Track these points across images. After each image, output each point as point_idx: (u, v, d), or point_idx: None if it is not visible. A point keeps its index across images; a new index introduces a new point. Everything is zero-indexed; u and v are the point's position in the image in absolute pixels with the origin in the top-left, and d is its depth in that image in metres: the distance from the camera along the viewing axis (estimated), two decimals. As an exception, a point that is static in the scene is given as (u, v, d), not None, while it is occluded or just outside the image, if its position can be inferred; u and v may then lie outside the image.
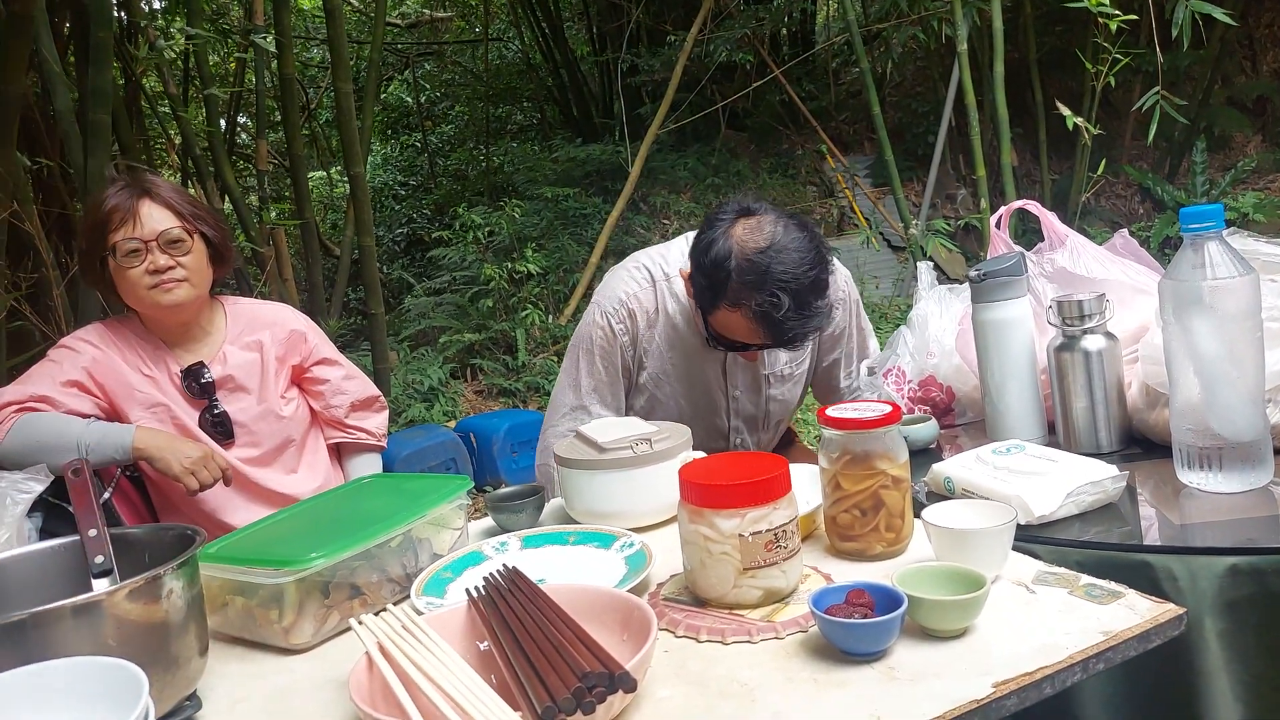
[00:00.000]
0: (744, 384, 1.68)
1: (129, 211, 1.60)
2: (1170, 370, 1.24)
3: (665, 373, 1.67)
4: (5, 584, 0.99)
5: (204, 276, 1.67)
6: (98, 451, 1.53)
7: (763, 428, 1.77)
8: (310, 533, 1.16)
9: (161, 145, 6.04)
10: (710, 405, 1.68)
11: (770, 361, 1.68)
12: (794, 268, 1.41)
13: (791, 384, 1.74)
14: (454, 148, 9.43)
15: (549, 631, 0.84)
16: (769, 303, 1.40)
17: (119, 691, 0.65)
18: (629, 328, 1.64)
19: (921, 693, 0.84)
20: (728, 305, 1.45)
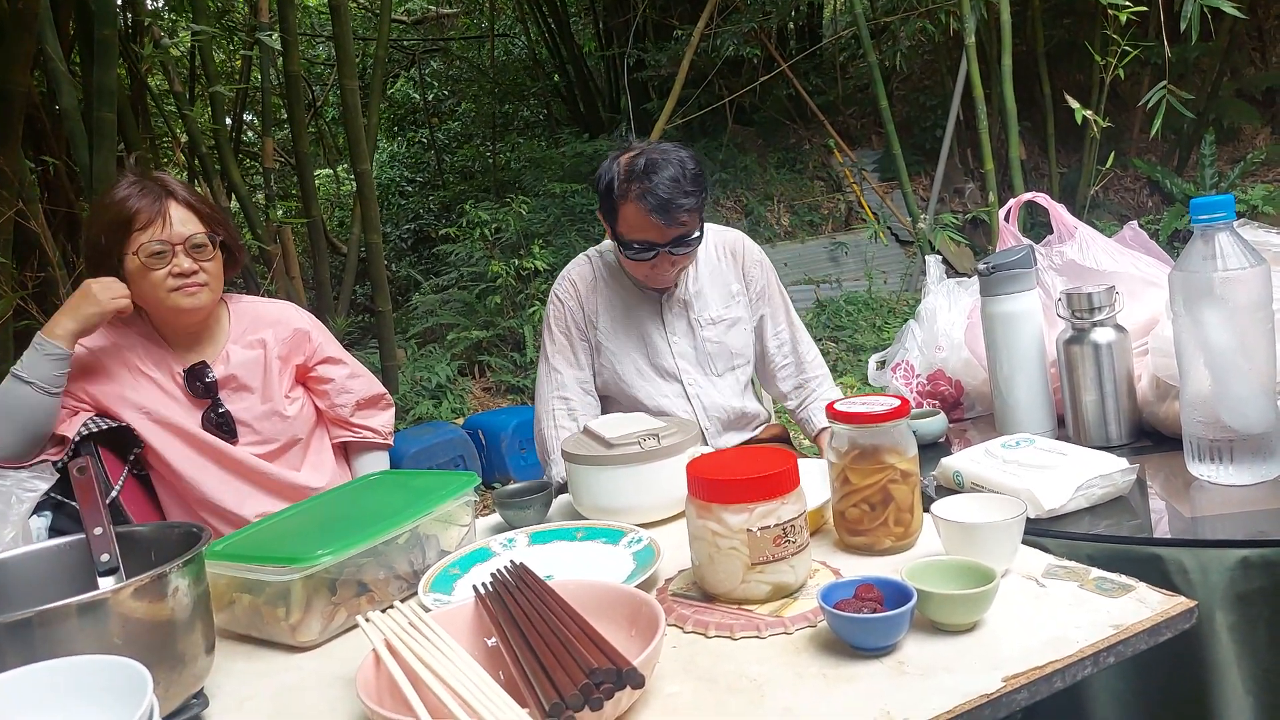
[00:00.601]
0: (681, 330, 1.93)
1: (157, 213, 1.59)
2: (1181, 362, 1.23)
3: (614, 327, 1.93)
4: (11, 582, 0.99)
5: (221, 280, 1.67)
6: (38, 371, 1.51)
7: (710, 370, 1.94)
8: (317, 530, 1.16)
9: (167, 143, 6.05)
10: (656, 350, 1.92)
11: (699, 308, 1.92)
12: (662, 157, 1.73)
13: (724, 326, 1.93)
14: (461, 144, 9.43)
15: (556, 628, 0.83)
16: (647, 181, 1.69)
17: (124, 690, 0.65)
18: (573, 294, 1.93)
19: (931, 687, 0.83)
20: (621, 202, 1.73)
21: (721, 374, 1.93)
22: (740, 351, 1.95)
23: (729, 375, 1.94)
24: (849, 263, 6.62)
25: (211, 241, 1.63)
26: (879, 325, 5.67)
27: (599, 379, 1.93)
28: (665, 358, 1.91)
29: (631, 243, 1.76)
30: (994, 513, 1.04)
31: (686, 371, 1.91)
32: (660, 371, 1.91)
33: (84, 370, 1.62)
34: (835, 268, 6.60)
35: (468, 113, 9.64)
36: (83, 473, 1.00)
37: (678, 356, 1.90)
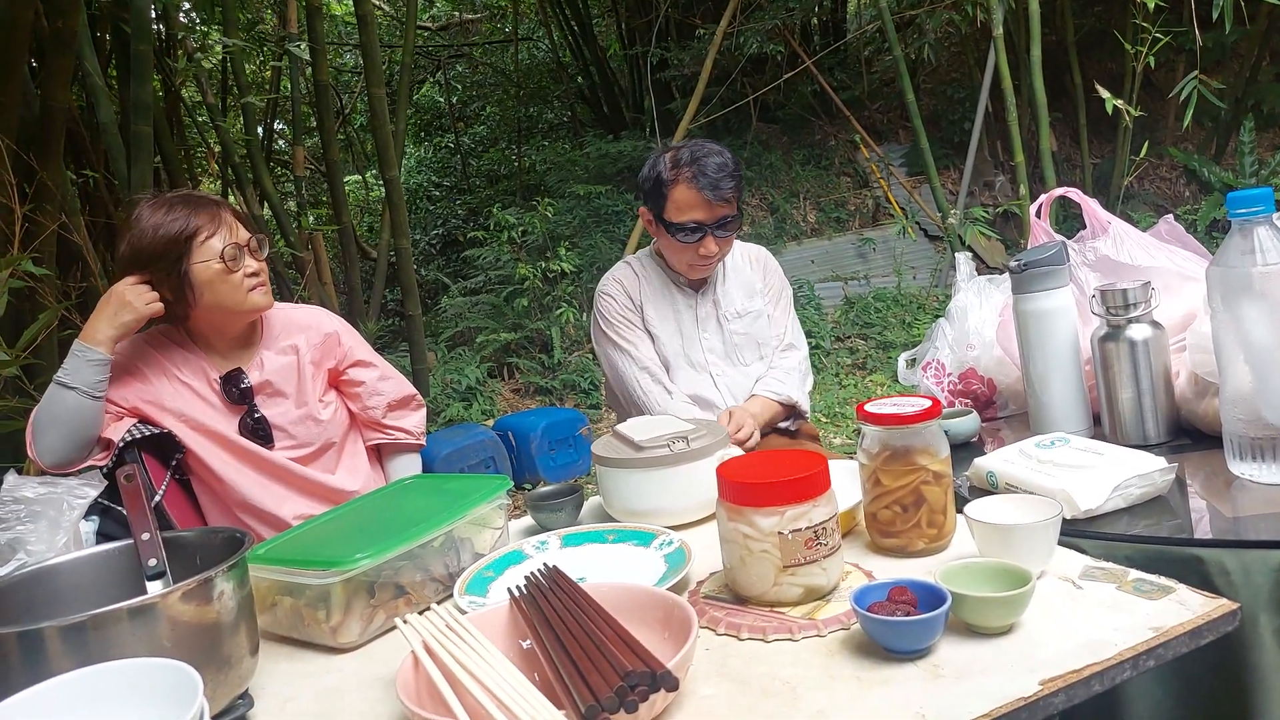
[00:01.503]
0: (711, 327, 2.08)
1: (221, 221, 1.65)
2: (1220, 359, 1.21)
3: (658, 316, 2.08)
4: (64, 586, 1.02)
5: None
6: (81, 376, 1.55)
7: (734, 361, 2.08)
8: (355, 534, 1.18)
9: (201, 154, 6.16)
10: (690, 342, 2.08)
11: (724, 303, 2.08)
12: (704, 146, 1.93)
13: (750, 319, 2.08)
14: (486, 148, 9.50)
15: (590, 630, 0.84)
16: (698, 164, 1.87)
17: (176, 692, 0.67)
18: (620, 289, 2.09)
19: (967, 690, 0.83)
20: (671, 186, 1.90)
21: (750, 364, 2.08)
22: (767, 342, 2.10)
23: (757, 365, 2.08)
24: (877, 259, 6.57)
25: (261, 243, 1.69)
26: (908, 322, 5.63)
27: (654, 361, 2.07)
28: (696, 350, 2.06)
29: (681, 225, 1.91)
30: (1029, 514, 1.03)
31: (715, 364, 2.06)
32: (692, 362, 2.06)
33: (125, 379, 1.66)
34: (863, 264, 6.56)
35: (492, 116, 9.72)
36: (130, 480, 1.03)
37: (707, 351, 2.06)
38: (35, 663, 0.81)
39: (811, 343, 4.85)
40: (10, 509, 1.05)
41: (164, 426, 1.66)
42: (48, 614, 0.97)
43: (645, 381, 2.02)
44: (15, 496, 1.05)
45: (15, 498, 1.05)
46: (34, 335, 2.46)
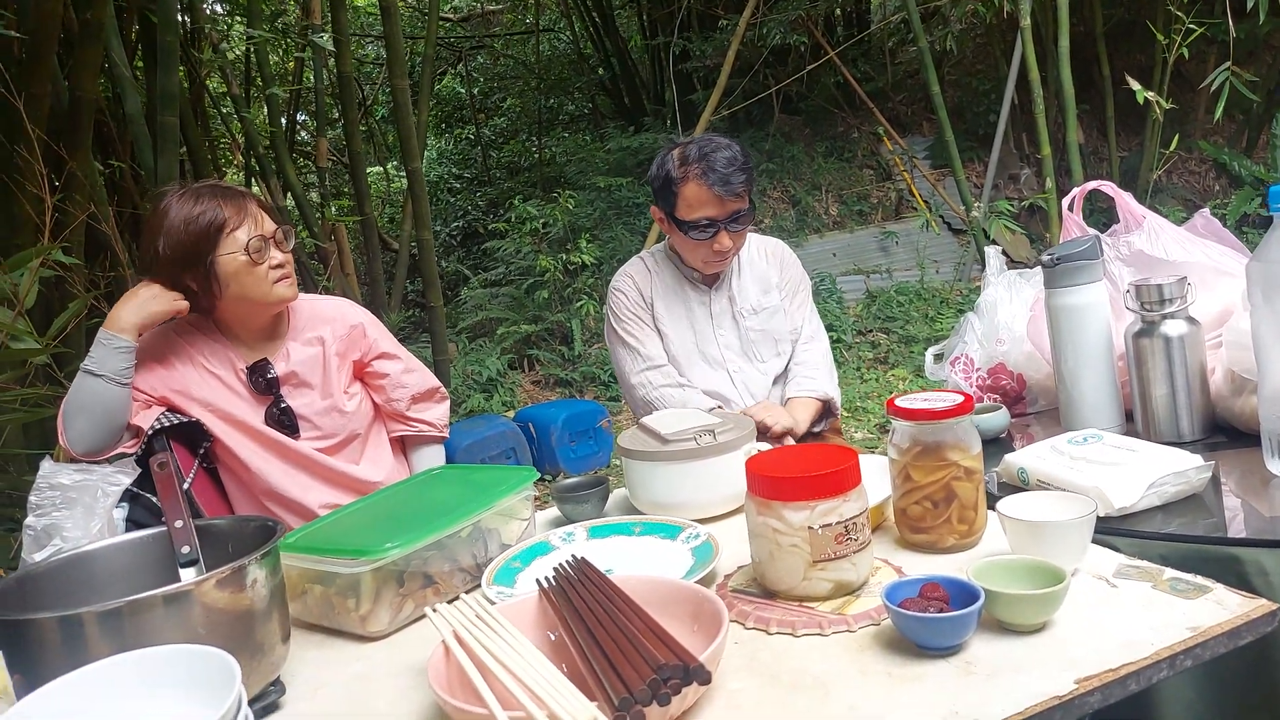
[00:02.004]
0: (725, 323, 2.06)
1: (247, 213, 1.66)
2: (1259, 355, 1.19)
3: (669, 312, 2.06)
4: (99, 572, 1.03)
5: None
6: (108, 364, 1.56)
7: (751, 357, 2.05)
8: (385, 523, 1.18)
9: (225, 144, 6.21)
10: (704, 338, 2.06)
11: (739, 299, 2.05)
12: (711, 141, 1.91)
13: (766, 315, 2.06)
14: (507, 140, 9.51)
15: (621, 622, 0.84)
16: (706, 161, 1.85)
17: (214, 678, 0.67)
18: (632, 284, 2.07)
19: (1001, 688, 0.82)
20: (681, 184, 1.88)
21: (766, 360, 2.05)
22: (784, 338, 2.07)
23: (773, 361, 2.06)
24: (899, 252, 6.53)
25: (287, 234, 1.70)
26: (931, 316, 5.59)
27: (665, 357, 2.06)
28: (711, 346, 2.04)
29: (693, 222, 1.89)
30: (1063, 511, 1.02)
31: (731, 360, 2.04)
32: (708, 359, 2.04)
33: (154, 368, 1.68)
34: (885, 257, 6.51)
35: (513, 108, 9.72)
36: (163, 468, 1.04)
37: (723, 347, 2.04)
38: (74, 646, 0.82)
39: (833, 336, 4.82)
40: (47, 495, 1.06)
41: (192, 415, 1.67)
42: (84, 599, 0.98)
43: (655, 378, 2.00)
44: (51, 483, 1.07)
45: (51, 484, 1.06)
46: (64, 324, 2.49)
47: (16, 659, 0.86)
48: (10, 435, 2.85)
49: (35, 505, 1.06)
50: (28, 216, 3.08)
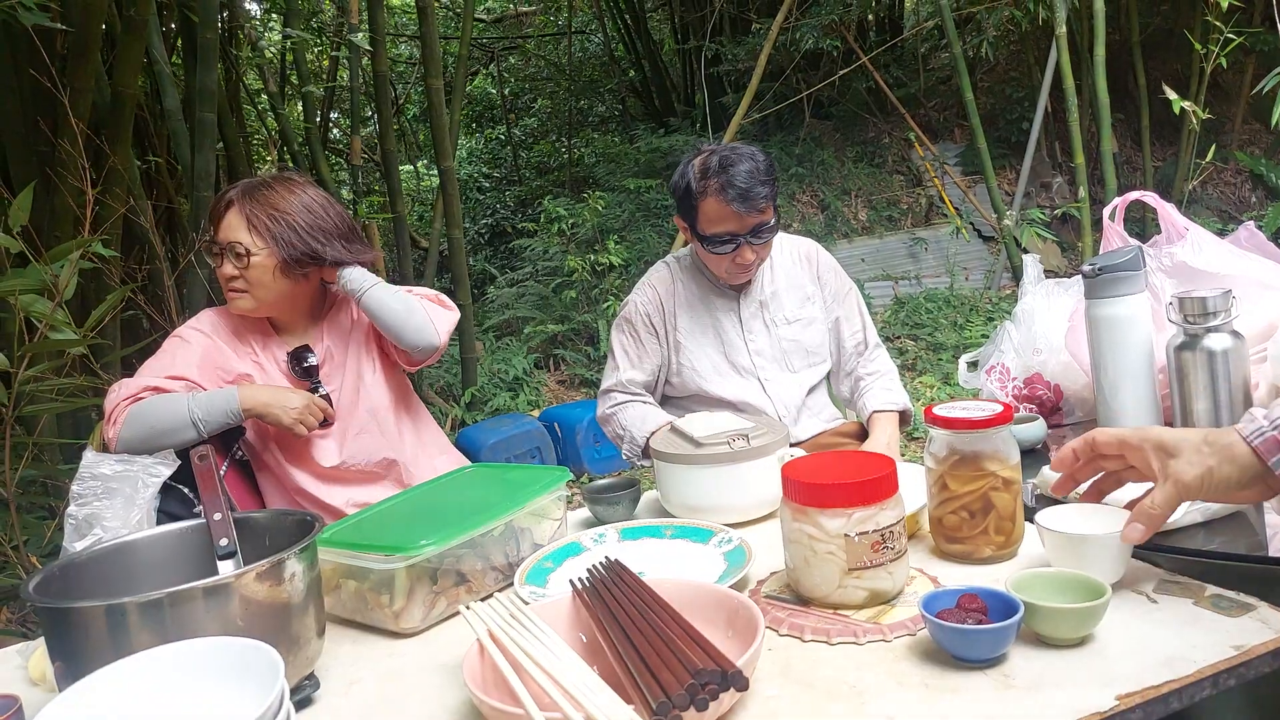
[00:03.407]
0: (757, 329, 1.98)
1: (218, 216, 1.70)
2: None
3: (692, 325, 1.98)
4: (139, 562, 1.05)
5: (270, 288, 1.69)
6: (210, 421, 1.59)
7: (786, 367, 1.99)
8: (419, 521, 1.19)
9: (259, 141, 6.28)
10: (733, 347, 1.98)
11: (775, 308, 1.98)
12: (734, 153, 1.82)
13: (800, 326, 1.99)
14: (537, 140, 9.55)
15: (658, 626, 0.84)
16: (726, 174, 1.78)
17: (256, 671, 0.68)
18: (651, 298, 2.00)
19: (1040, 702, 0.81)
20: (700, 198, 1.82)
21: (798, 370, 1.99)
22: (816, 350, 2.01)
23: (806, 372, 2.00)
24: (929, 259, 6.48)
25: (250, 250, 1.65)
26: (960, 323, 5.54)
27: (678, 378, 1.99)
28: (742, 355, 1.97)
29: (713, 236, 1.84)
30: (1103, 524, 1.01)
31: (763, 368, 1.98)
32: (738, 369, 1.97)
33: (201, 357, 1.70)
34: (914, 264, 6.47)
35: (544, 109, 9.76)
36: (203, 461, 1.05)
37: (754, 354, 1.97)
38: (115, 635, 0.83)
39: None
40: (88, 485, 1.08)
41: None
42: (124, 588, 1.00)
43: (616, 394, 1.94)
44: (93, 473, 1.08)
45: (93, 474, 1.08)
46: (101, 316, 2.52)
47: (58, 646, 0.87)
48: (45, 425, 2.90)
49: (77, 495, 1.08)
50: (67, 208, 3.14)
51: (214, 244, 1.70)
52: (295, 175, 1.86)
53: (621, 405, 1.94)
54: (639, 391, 1.97)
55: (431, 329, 1.73)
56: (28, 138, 3.30)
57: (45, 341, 2.28)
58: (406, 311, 1.71)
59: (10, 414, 2.29)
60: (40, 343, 2.27)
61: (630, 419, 1.89)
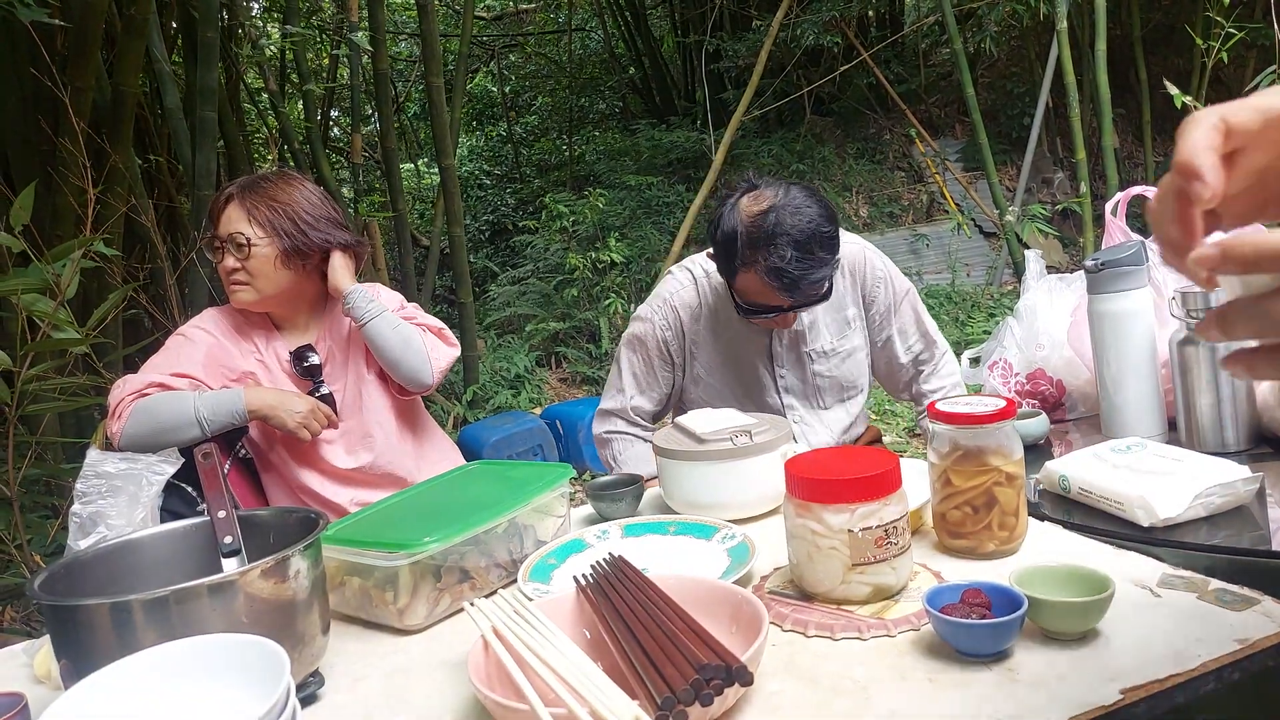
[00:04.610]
0: (789, 363, 1.80)
1: (218, 211, 1.72)
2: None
3: (715, 361, 1.81)
4: (144, 560, 1.05)
5: (272, 279, 1.70)
6: (214, 421, 1.60)
7: (817, 404, 1.84)
8: (422, 518, 1.19)
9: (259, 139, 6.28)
10: (759, 384, 1.81)
11: (811, 338, 1.79)
12: (794, 220, 1.54)
13: (838, 359, 1.82)
14: (538, 138, 9.55)
15: (661, 622, 0.84)
16: (776, 256, 1.53)
17: (262, 668, 0.68)
18: (670, 322, 1.80)
19: (1044, 696, 0.81)
20: (742, 269, 1.59)
21: (830, 407, 1.84)
22: (854, 383, 1.85)
23: (838, 408, 1.85)
24: (930, 255, 6.48)
25: (251, 241, 1.67)
26: (962, 320, 5.54)
27: (692, 408, 1.81)
28: (770, 394, 1.81)
29: (750, 305, 1.64)
30: None
31: (792, 408, 1.82)
32: (763, 407, 1.81)
33: (206, 354, 1.71)
34: (916, 260, 6.47)
35: (544, 107, 9.76)
36: (207, 459, 1.05)
37: (783, 391, 1.81)
38: (121, 632, 0.83)
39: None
40: (92, 484, 1.08)
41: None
42: (129, 585, 1.00)
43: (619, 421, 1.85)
44: (97, 472, 1.08)
45: (97, 473, 1.08)
46: (104, 315, 2.53)
47: (64, 643, 0.88)
48: (48, 424, 2.91)
49: (81, 493, 1.08)
50: (68, 207, 3.14)
51: (215, 238, 1.71)
52: (292, 172, 1.87)
53: (623, 438, 1.86)
54: (644, 424, 1.86)
55: (427, 369, 1.73)
56: (28, 137, 3.30)
57: (48, 341, 2.28)
58: (404, 347, 1.71)
59: (13, 413, 2.29)
60: (43, 342, 2.27)
61: (629, 458, 1.82)
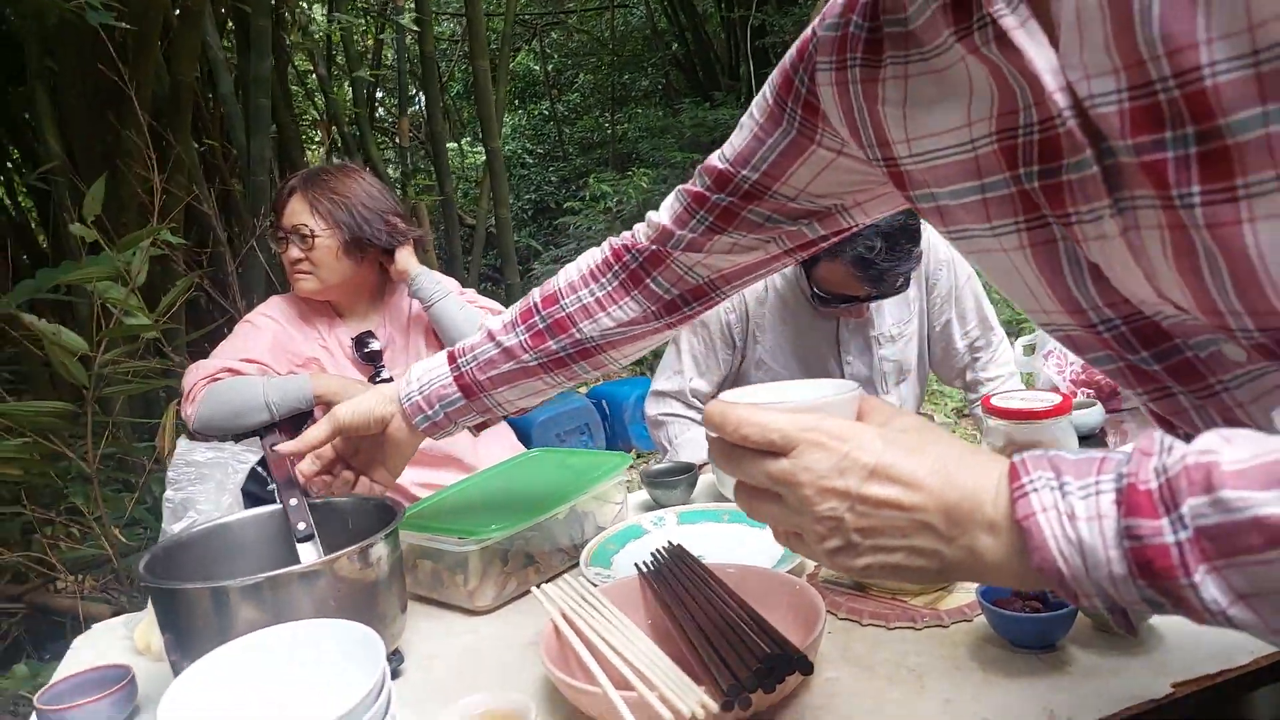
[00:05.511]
0: (855, 349, 1.81)
1: (280, 204, 1.80)
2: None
3: (780, 346, 1.82)
4: (232, 542, 1.11)
5: (334, 269, 1.78)
6: (283, 405, 1.68)
7: (880, 390, 1.85)
8: (490, 505, 1.25)
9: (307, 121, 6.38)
10: (825, 373, 1.82)
11: (878, 322, 1.79)
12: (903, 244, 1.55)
13: (902, 343, 1.83)
14: (580, 116, 9.55)
15: (723, 612, 0.88)
16: (864, 246, 1.52)
17: (359, 651, 0.74)
18: (735, 304, 1.81)
19: (1095, 689, 0.84)
20: (826, 258, 1.59)
21: (889, 391, 1.88)
22: (910, 365, 1.87)
23: (895, 392, 1.88)
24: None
25: (315, 232, 1.74)
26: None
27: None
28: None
29: (827, 294, 1.66)
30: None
31: None
32: None
33: (272, 341, 1.79)
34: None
35: (587, 84, 9.75)
36: (275, 449, 1.11)
37: (849, 379, 1.80)
38: (220, 613, 0.90)
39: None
40: (183, 471, 1.15)
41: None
42: (221, 567, 1.07)
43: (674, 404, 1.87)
44: (187, 460, 1.15)
45: (187, 461, 1.15)
46: (172, 301, 2.63)
47: (168, 621, 0.95)
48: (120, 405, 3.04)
49: (173, 480, 1.16)
50: (132, 196, 3.25)
51: (279, 229, 1.78)
52: (351, 165, 1.94)
53: (679, 421, 1.88)
54: (700, 406, 1.89)
55: None
56: (92, 130, 3.41)
57: (121, 326, 2.39)
58: (469, 326, 1.78)
59: (91, 395, 2.41)
60: (116, 328, 2.37)
61: (684, 442, 1.84)
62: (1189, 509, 0.44)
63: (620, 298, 1.05)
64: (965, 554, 0.53)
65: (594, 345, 1.07)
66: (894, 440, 0.56)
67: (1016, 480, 0.51)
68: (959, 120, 0.68)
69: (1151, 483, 0.46)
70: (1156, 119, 0.52)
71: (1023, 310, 0.75)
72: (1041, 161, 0.63)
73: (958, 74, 0.67)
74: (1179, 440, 0.47)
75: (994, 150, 0.66)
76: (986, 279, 0.82)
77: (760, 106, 0.90)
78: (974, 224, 0.71)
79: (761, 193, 0.93)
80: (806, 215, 0.95)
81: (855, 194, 0.92)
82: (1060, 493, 0.49)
